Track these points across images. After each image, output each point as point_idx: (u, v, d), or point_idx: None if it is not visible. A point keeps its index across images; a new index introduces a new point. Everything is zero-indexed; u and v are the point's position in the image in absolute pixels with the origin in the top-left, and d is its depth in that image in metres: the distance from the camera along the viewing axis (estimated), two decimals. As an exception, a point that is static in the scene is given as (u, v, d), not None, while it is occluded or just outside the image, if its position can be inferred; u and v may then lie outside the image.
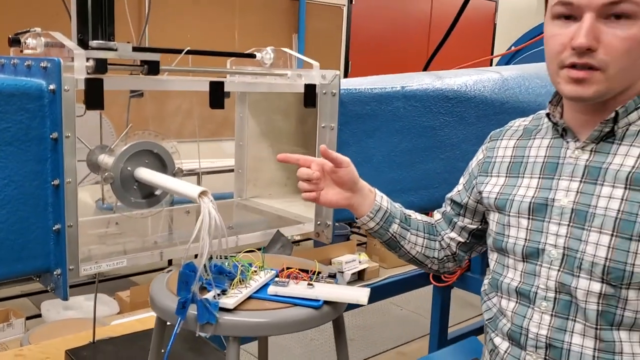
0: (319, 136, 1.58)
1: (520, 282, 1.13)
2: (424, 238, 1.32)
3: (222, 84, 1.36)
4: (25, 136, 1.11)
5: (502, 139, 1.25)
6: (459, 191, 1.32)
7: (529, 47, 2.79)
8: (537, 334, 1.09)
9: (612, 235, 1.00)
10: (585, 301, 1.03)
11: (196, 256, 1.08)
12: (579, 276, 1.04)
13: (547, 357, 1.08)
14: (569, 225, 1.06)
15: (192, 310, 1.06)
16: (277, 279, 1.20)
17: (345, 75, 6.23)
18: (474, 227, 1.30)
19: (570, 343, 1.05)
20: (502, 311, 1.17)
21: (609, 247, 1.00)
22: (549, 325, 1.08)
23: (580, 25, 1.00)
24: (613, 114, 1.03)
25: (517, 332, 1.12)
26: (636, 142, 1.03)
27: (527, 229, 1.12)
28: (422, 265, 1.35)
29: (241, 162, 1.86)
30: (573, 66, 1.01)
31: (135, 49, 1.37)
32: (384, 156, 1.75)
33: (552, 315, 1.08)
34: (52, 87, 1.11)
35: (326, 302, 1.14)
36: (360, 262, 5.09)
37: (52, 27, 1.39)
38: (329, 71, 1.55)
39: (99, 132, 1.44)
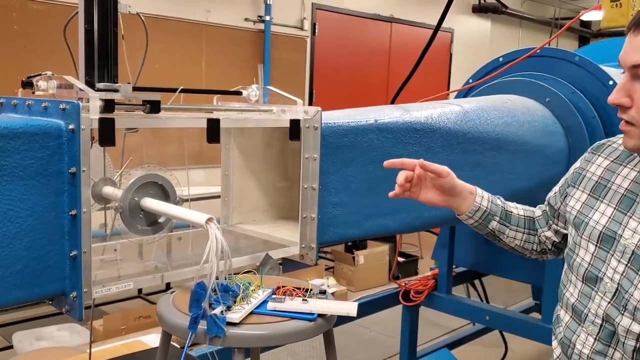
0: (303, 166, 1.73)
1: (577, 299, 1.24)
2: (524, 233, 1.44)
3: (218, 120, 1.50)
4: (46, 171, 1.23)
5: (599, 155, 1.31)
6: (555, 193, 1.43)
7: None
8: (581, 351, 1.20)
9: None
10: (625, 337, 1.14)
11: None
12: (623, 314, 1.14)
13: None
14: (626, 265, 1.15)
15: (201, 325, 1.19)
16: (274, 296, 1.34)
17: (310, 104, 6.43)
18: (566, 232, 1.40)
19: None
20: (558, 319, 1.30)
21: None
22: (592, 347, 1.19)
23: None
24: None
25: (566, 344, 1.25)
26: None
27: (592, 254, 1.22)
28: (520, 254, 1.47)
29: (227, 190, 1.99)
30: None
31: (135, 89, 1.51)
32: (361, 183, 1.91)
33: (595, 339, 1.18)
34: (71, 126, 1.23)
35: (319, 316, 1.28)
36: (328, 286, 5.21)
37: (44, 69, 1.52)
38: (311, 107, 1.71)
39: (101, 166, 1.55)
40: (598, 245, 1.21)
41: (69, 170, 1.24)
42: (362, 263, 5.50)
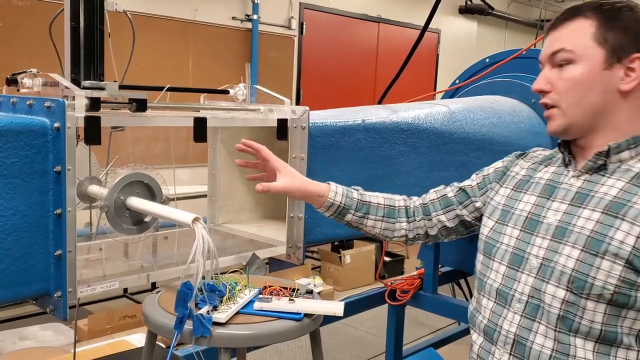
0: (290, 165, 1.72)
1: (501, 284, 1.28)
2: (382, 222, 1.48)
3: (205, 119, 1.49)
4: (30, 169, 1.22)
5: (522, 159, 1.43)
6: (472, 187, 1.48)
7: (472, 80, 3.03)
8: (508, 330, 1.24)
9: (581, 250, 1.16)
10: (550, 305, 1.19)
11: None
12: (548, 282, 1.19)
13: (512, 353, 1.23)
14: (550, 239, 1.22)
15: (187, 325, 1.18)
16: (260, 295, 1.33)
17: (297, 103, 6.42)
18: (468, 219, 1.47)
19: (533, 342, 1.21)
20: (478, 309, 1.33)
21: (577, 259, 1.16)
22: (518, 324, 1.23)
23: None
24: (606, 148, 1.20)
25: (492, 329, 1.28)
26: (623, 177, 1.19)
27: (517, 238, 1.28)
28: (385, 239, 1.53)
29: (214, 190, 1.98)
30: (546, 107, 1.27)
31: (121, 87, 1.50)
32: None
33: (521, 315, 1.23)
34: (56, 125, 1.22)
35: (306, 315, 1.29)
36: (315, 285, 5.21)
37: (29, 67, 1.50)
38: (298, 107, 1.71)
39: (86, 165, 1.54)
40: (522, 229, 1.28)
41: (54, 169, 1.23)
42: (348, 263, 5.50)
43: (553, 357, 1.18)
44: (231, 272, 1.39)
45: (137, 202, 1.35)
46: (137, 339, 2.38)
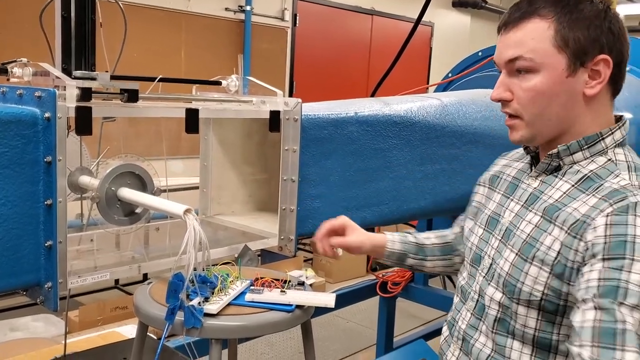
0: (283, 158, 1.73)
1: (465, 281, 1.31)
2: (441, 260, 1.52)
3: (197, 111, 1.48)
4: (21, 160, 1.21)
5: (502, 158, 1.42)
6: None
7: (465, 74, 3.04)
8: (460, 327, 1.27)
9: (516, 254, 1.15)
10: (489, 306, 1.19)
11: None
12: (489, 283, 1.20)
13: (461, 349, 1.25)
14: (499, 241, 1.22)
15: (178, 316, 1.18)
16: (252, 287, 1.34)
17: (290, 95, 6.40)
18: None
19: (477, 340, 1.21)
20: (451, 305, 1.37)
21: (511, 263, 1.15)
22: (467, 322, 1.25)
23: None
24: (555, 150, 1.16)
25: (451, 323, 1.32)
26: (571, 179, 1.13)
27: (479, 237, 1.29)
28: (451, 275, 1.58)
29: (205, 181, 1.97)
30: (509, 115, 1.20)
31: (112, 78, 1.49)
32: (340, 176, 1.91)
33: (471, 314, 1.24)
34: (47, 115, 1.21)
35: (297, 307, 1.29)
36: (307, 277, 5.22)
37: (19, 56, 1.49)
38: (291, 99, 1.70)
39: (77, 155, 1.53)
40: (485, 228, 1.28)
41: (45, 159, 1.22)
42: (340, 255, 5.51)
43: (491, 357, 1.18)
44: (222, 264, 1.39)
45: (129, 193, 1.35)
46: (128, 330, 2.38)
